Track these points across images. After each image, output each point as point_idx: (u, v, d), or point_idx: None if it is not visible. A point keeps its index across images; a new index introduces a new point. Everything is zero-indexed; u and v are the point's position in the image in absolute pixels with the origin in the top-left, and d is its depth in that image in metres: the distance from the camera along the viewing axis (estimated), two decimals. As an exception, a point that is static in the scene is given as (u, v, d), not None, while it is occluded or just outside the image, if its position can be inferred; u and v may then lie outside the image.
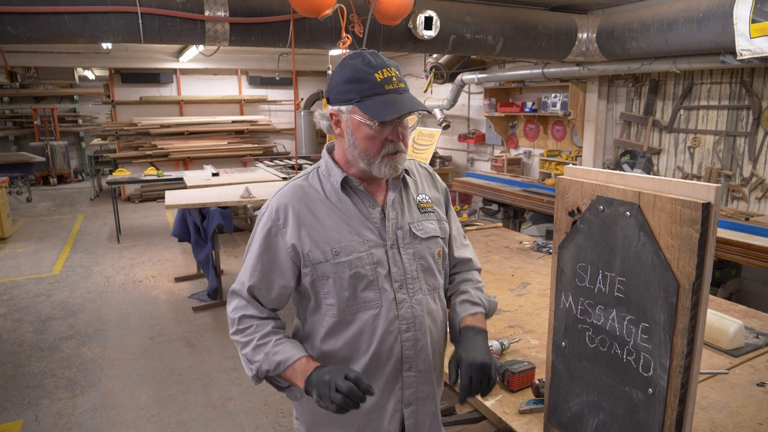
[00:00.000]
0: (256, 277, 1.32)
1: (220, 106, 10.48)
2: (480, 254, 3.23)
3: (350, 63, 1.25)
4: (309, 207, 1.30)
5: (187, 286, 5.45)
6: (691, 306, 0.92)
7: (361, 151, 1.27)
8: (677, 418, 0.96)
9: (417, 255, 1.36)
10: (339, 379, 1.14)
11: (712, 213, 0.89)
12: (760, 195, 4.29)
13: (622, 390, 1.06)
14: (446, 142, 8.01)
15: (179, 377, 3.68)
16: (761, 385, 1.77)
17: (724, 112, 4.51)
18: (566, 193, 1.14)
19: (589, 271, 1.10)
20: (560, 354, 1.22)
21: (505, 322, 2.23)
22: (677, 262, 0.93)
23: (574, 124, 5.73)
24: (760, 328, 2.17)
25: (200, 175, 6.69)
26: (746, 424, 1.56)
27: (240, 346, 1.33)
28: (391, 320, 1.30)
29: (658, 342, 0.97)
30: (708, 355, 1.97)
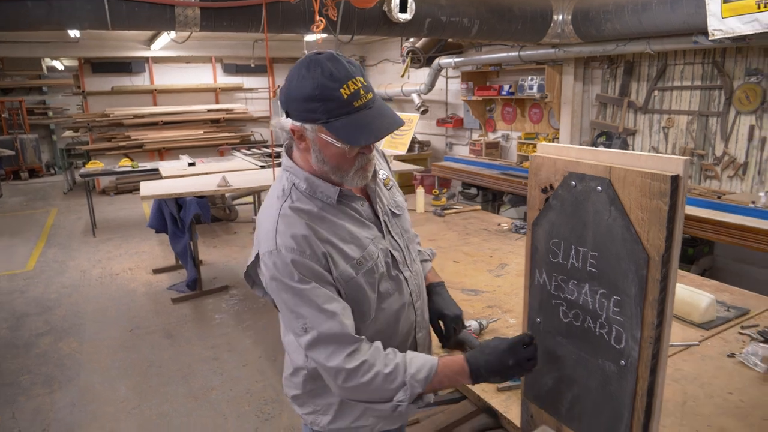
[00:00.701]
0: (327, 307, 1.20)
1: (195, 94, 10.30)
2: (458, 237, 3.25)
3: (309, 76, 1.12)
4: (316, 229, 1.21)
5: (166, 278, 5.39)
6: (660, 278, 0.93)
7: (333, 167, 1.22)
8: (648, 388, 0.98)
9: (402, 230, 1.43)
10: (518, 352, 1.16)
11: (681, 185, 0.90)
12: (731, 173, 4.38)
13: (595, 362, 1.07)
14: (424, 127, 8.01)
15: (159, 369, 3.65)
16: (731, 356, 1.82)
17: (697, 93, 4.58)
18: (539, 170, 1.14)
19: (562, 246, 1.11)
20: (535, 329, 1.23)
21: (484, 303, 2.25)
22: (647, 235, 0.94)
23: (551, 107, 5.76)
24: (731, 302, 2.22)
25: (176, 166, 6.59)
26: (717, 394, 1.60)
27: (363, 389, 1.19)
28: (407, 299, 1.38)
29: (629, 314, 0.99)
30: (681, 328, 2.01)
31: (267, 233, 1.21)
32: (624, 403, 1.02)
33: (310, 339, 1.18)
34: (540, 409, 1.27)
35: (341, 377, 1.18)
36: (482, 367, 1.18)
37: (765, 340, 1.90)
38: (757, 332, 1.96)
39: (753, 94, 4.13)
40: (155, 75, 9.93)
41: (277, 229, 1.19)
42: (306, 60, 1.16)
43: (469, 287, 2.42)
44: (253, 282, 1.34)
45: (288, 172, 1.28)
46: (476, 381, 1.21)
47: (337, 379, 1.19)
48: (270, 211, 1.24)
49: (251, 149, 8.35)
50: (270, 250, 1.18)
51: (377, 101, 1.19)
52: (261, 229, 1.25)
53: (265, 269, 1.21)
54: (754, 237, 3.49)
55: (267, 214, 1.25)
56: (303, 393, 1.41)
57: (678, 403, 1.56)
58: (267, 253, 1.19)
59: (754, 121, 4.15)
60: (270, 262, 1.19)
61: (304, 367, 1.36)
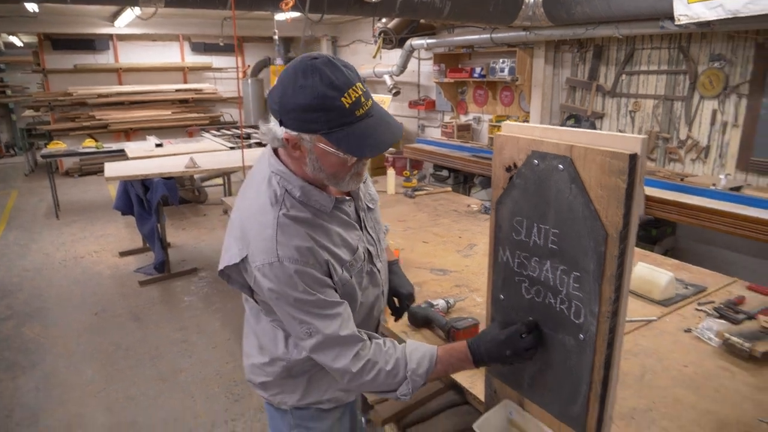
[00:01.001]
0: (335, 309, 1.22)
1: (162, 74, 10.03)
2: (429, 218, 3.27)
3: (308, 84, 1.07)
4: (315, 238, 1.20)
5: (133, 261, 5.30)
6: (618, 254, 0.95)
7: (329, 175, 1.20)
8: (606, 361, 1.01)
9: (375, 223, 1.45)
10: (516, 343, 1.17)
11: (639, 163, 0.92)
12: (694, 156, 4.49)
13: (556, 337, 1.10)
14: (397, 109, 7.98)
15: (126, 352, 3.61)
16: (688, 332, 1.89)
17: (663, 77, 4.66)
18: (503, 149, 1.15)
19: (524, 224, 1.13)
20: (498, 306, 1.26)
21: (452, 282, 2.27)
22: (606, 212, 0.96)
23: (522, 90, 5.80)
24: (690, 280, 2.30)
25: (143, 147, 6.44)
26: (673, 367, 1.66)
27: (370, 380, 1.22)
28: (380, 290, 1.44)
29: (588, 290, 1.01)
30: (641, 305, 2.08)
31: (265, 243, 1.16)
32: (582, 375, 1.06)
33: (315, 343, 1.19)
34: (503, 384, 1.30)
35: (347, 377, 1.21)
36: (484, 354, 1.22)
37: (720, 316, 1.97)
38: (712, 308, 2.03)
39: (716, 79, 4.22)
40: (120, 53, 9.63)
41: (278, 240, 1.15)
42: (302, 66, 1.10)
43: (438, 267, 2.44)
44: (229, 278, 1.30)
45: (278, 176, 1.23)
46: (479, 366, 1.25)
47: (343, 378, 1.23)
48: (263, 218, 1.19)
49: (221, 130, 8.20)
50: (270, 262, 1.15)
51: (376, 107, 1.16)
52: (253, 236, 1.19)
53: (264, 280, 1.17)
54: (714, 218, 3.60)
55: (259, 220, 1.20)
56: (273, 381, 1.42)
57: (637, 376, 1.61)
58: (267, 265, 1.16)
59: (717, 105, 4.26)
60: (271, 274, 1.16)
61: (284, 359, 1.37)
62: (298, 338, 1.23)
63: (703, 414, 1.44)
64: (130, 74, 9.78)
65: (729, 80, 4.13)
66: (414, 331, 1.88)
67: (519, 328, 1.18)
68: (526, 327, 1.17)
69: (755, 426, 1.39)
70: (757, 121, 3.97)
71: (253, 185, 1.27)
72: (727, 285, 2.27)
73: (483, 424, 1.25)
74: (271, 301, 1.22)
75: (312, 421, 1.46)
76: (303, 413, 1.45)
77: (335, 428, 1.50)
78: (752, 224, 3.41)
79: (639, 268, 2.19)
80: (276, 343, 1.36)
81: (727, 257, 4.31)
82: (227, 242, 1.29)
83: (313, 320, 1.18)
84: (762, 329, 1.82)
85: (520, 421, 1.25)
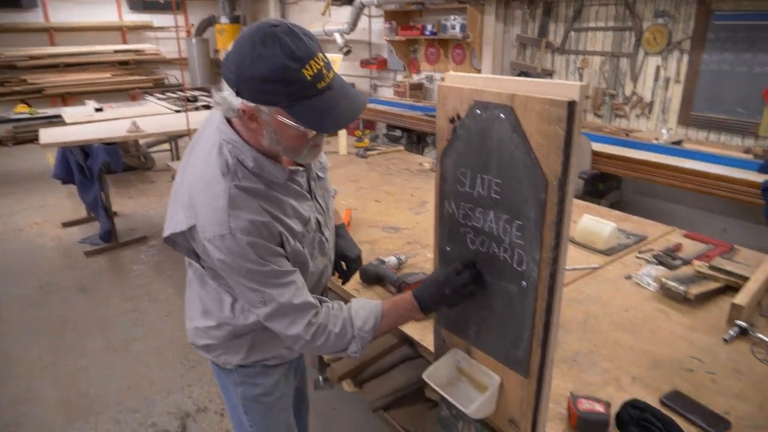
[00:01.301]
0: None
1: (99, 34, 9.46)
2: (381, 177, 3.26)
3: (267, 54, 1.01)
4: (268, 209, 1.17)
5: (77, 231, 5.09)
6: (558, 201, 0.97)
7: (287, 148, 1.16)
8: (547, 307, 1.04)
9: (324, 191, 1.44)
10: (452, 281, 1.18)
11: (577, 111, 0.92)
12: (639, 112, 4.61)
13: (500, 285, 1.12)
14: (348, 69, 7.82)
15: (75, 324, 3.50)
16: (628, 278, 1.97)
17: (609, 34, 4.72)
18: (446, 100, 1.14)
19: (468, 176, 1.13)
20: (445, 258, 1.27)
21: (404, 239, 2.29)
22: (546, 160, 0.97)
23: (473, 47, 5.77)
24: (632, 230, 2.39)
25: (81, 112, 6.10)
26: (614, 312, 1.74)
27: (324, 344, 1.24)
28: (328, 258, 1.46)
29: (529, 238, 1.03)
30: (585, 255, 2.15)
31: (216, 214, 1.12)
32: (525, 321, 1.08)
33: (270, 311, 1.19)
34: (451, 334, 1.32)
35: (300, 343, 1.22)
36: (427, 299, 1.24)
37: (658, 263, 2.07)
38: (652, 256, 2.12)
39: (660, 35, 4.31)
40: (50, 11, 9.00)
41: (229, 212, 1.12)
42: (260, 34, 1.03)
43: (390, 225, 2.45)
44: (175, 244, 1.27)
45: (230, 144, 1.17)
46: (427, 312, 1.27)
47: (296, 344, 1.23)
48: (214, 188, 1.14)
49: (165, 93, 7.86)
50: (222, 234, 1.12)
51: (338, 79, 1.12)
52: (202, 205, 1.15)
53: (215, 251, 1.14)
54: (657, 171, 3.74)
55: (209, 190, 1.15)
56: (217, 343, 1.40)
57: (580, 322, 1.68)
58: (218, 236, 1.12)
59: (660, 61, 4.36)
60: (223, 246, 1.13)
61: (230, 324, 1.35)
62: (251, 306, 1.22)
63: (641, 354, 1.52)
64: (63, 34, 9.17)
65: (672, 36, 4.23)
66: (366, 288, 1.89)
67: (456, 266, 1.19)
68: (463, 265, 1.19)
69: (687, 362, 1.48)
70: (698, 76, 4.10)
71: (203, 151, 1.21)
72: (666, 234, 2.37)
73: (432, 373, 1.28)
74: (223, 271, 1.19)
75: (258, 378, 1.47)
76: (248, 371, 1.46)
77: (281, 383, 1.52)
78: (691, 176, 3.56)
79: (584, 220, 2.26)
80: (222, 307, 1.35)
81: (668, 209, 4.50)
82: (173, 208, 1.25)
83: (267, 289, 1.17)
84: (696, 273, 1.92)
85: (467, 368, 1.29)
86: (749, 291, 1.71)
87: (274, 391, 1.51)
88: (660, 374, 1.43)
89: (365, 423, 2.62)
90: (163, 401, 2.78)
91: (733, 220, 4.11)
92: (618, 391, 1.36)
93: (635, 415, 1.21)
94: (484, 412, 1.23)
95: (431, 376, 1.27)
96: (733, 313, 1.65)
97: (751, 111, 3.82)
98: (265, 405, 1.51)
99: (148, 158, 7.09)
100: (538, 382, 1.11)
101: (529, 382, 1.12)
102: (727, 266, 1.89)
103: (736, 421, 1.25)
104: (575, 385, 1.39)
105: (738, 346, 1.55)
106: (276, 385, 1.51)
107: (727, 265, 1.91)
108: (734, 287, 1.81)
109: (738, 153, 3.74)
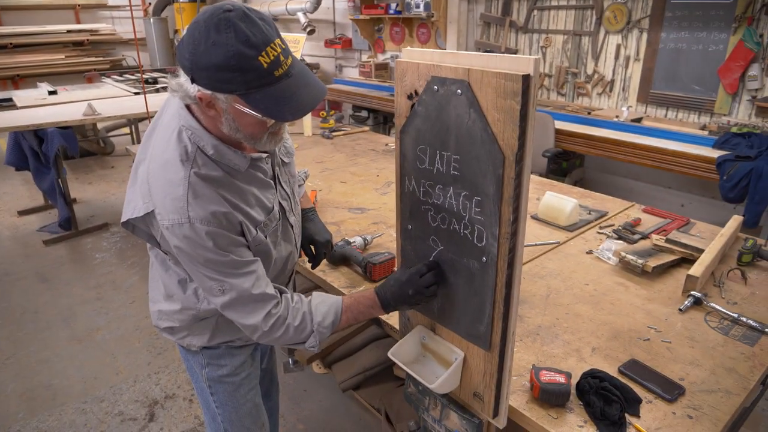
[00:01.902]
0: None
1: (50, 12, 9.03)
2: (346, 158, 3.23)
3: (221, 41, 0.97)
4: (228, 198, 1.15)
5: (35, 219, 4.93)
6: (515, 176, 0.97)
7: (246, 135, 1.12)
8: (507, 281, 1.05)
9: (289, 176, 1.42)
10: (415, 282, 1.19)
11: (532, 84, 0.92)
12: (600, 90, 4.68)
13: (461, 261, 1.13)
14: (312, 49, 7.70)
15: (35, 314, 3.40)
16: (589, 253, 2.01)
17: (572, 12, 4.76)
18: (404, 76, 1.12)
19: (428, 153, 1.12)
20: (407, 236, 1.27)
21: (370, 220, 2.28)
22: (503, 135, 0.97)
23: (438, 26, 5.74)
24: (593, 206, 2.44)
25: (34, 95, 5.83)
26: (575, 286, 1.78)
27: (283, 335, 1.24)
28: (293, 244, 1.44)
29: (488, 213, 1.03)
30: (548, 231, 2.18)
31: (174, 202, 1.10)
32: (486, 296, 1.09)
33: (228, 300, 1.18)
34: (415, 312, 1.33)
35: (257, 333, 1.21)
36: (390, 298, 1.25)
37: (618, 237, 2.12)
38: (612, 231, 2.17)
39: (620, 14, 4.36)
40: (-4, -11, 8.55)
41: (188, 200, 1.09)
42: (213, 19, 0.99)
43: (355, 206, 2.44)
44: (134, 228, 1.23)
45: (190, 131, 1.14)
46: (389, 311, 1.28)
47: (253, 334, 1.22)
48: (173, 176, 1.11)
49: (124, 75, 7.59)
50: (180, 222, 1.09)
51: (297, 66, 1.08)
52: (160, 192, 1.12)
53: (173, 239, 1.12)
54: (617, 149, 3.82)
55: (167, 177, 1.12)
56: (181, 326, 1.38)
57: (542, 296, 1.71)
58: (176, 225, 1.10)
59: (621, 40, 4.42)
60: (180, 234, 1.10)
61: (193, 309, 1.34)
62: (209, 294, 1.20)
63: (600, 325, 1.56)
64: (11, 13, 8.73)
65: (632, 15, 4.28)
66: (332, 269, 1.88)
67: (419, 268, 1.20)
68: (426, 267, 1.19)
69: (645, 332, 1.53)
70: (656, 54, 4.17)
71: (162, 137, 1.17)
72: (626, 209, 2.43)
73: (397, 351, 1.29)
74: (180, 258, 1.17)
75: (223, 359, 1.46)
76: (213, 352, 1.45)
77: (247, 364, 1.52)
78: (650, 153, 3.64)
79: (547, 197, 2.29)
80: (185, 292, 1.33)
81: (628, 185, 4.62)
82: (131, 193, 1.22)
83: (225, 278, 1.16)
84: (654, 247, 1.97)
85: (431, 344, 1.30)
86: (703, 262, 1.77)
87: (240, 371, 1.50)
88: (619, 344, 1.47)
89: (336, 403, 2.63)
90: (130, 389, 2.73)
91: (691, 195, 4.25)
92: (579, 362, 1.40)
93: (594, 385, 1.25)
94: (448, 386, 1.25)
95: (396, 354, 1.28)
96: (688, 284, 1.71)
97: (707, 88, 3.92)
98: (230, 385, 1.50)
99: (107, 143, 6.87)
100: (501, 355, 1.12)
101: (492, 356, 1.14)
102: (683, 239, 1.95)
103: (689, 387, 1.30)
104: (538, 358, 1.42)
105: (692, 316, 1.61)
106: (242, 365, 1.50)
107: (683, 238, 1.97)
108: (690, 259, 1.87)
109: (695, 130, 3.85)
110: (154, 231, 1.21)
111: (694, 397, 1.27)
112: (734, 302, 1.67)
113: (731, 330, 1.54)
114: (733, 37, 3.69)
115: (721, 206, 3.79)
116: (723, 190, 3.23)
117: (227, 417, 1.53)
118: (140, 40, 9.58)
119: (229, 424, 1.55)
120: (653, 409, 1.24)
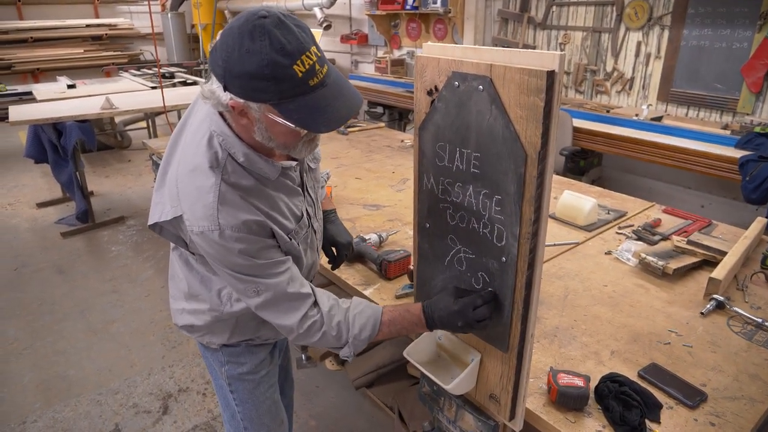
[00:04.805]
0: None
1: (70, 7, 9.15)
2: (362, 154, 3.22)
3: (256, 49, 0.94)
4: (259, 206, 1.14)
5: (53, 212, 4.98)
6: (537, 175, 0.95)
7: (279, 144, 1.10)
8: (527, 281, 1.03)
9: (314, 182, 1.41)
10: (467, 315, 1.11)
11: (556, 81, 0.90)
12: (620, 88, 4.61)
13: (480, 261, 1.11)
14: (328, 44, 7.69)
15: (52, 306, 3.44)
16: (608, 254, 1.98)
17: (591, 9, 4.69)
18: (424, 71, 1.10)
19: (447, 150, 1.10)
20: (424, 234, 1.25)
21: (385, 217, 2.27)
22: (525, 132, 0.95)
23: (455, 22, 5.69)
24: (612, 206, 2.40)
25: (53, 88, 5.91)
26: (594, 287, 1.75)
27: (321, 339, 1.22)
28: (316, 253, 1.43)
29: (509, 212, 1.01)
30: (566, 231, 2.15)
31: (204, 209, 1.08)
32: (506, 296, 1.07)
33: (263, 301, 1.16)
34: (431, 311, 1.31)
35: (293, 335, 1.20)
36: (437, 321, 1.19)
37: (638, 238, 2.08)
38: (631, 231, 2.13)
39: (641, 11, 4.29)
40: (18, -17, 8.66)
41: (218, 207, 1.08)
42: (248, 26, 0.96)
43: (370, 203, 2.42)
44: (162, 230, 1.22)
45: (221, 137, 1.12)
46: (432, 329, 1.23)
47: (290, 335, 1.21)
48: (203, 182, 1.09)
49: (141, 69, 7.65)
50: (210, 229, 1.08)
51: (332, 74, 1.04)
52: (189, 198, 1.10)
53: (204, 245, 1.11)
54: (637, 147, 3.75)
55: (197, 182, 1.10)
56: (201, 325, 1.38)
57: (560, 297, 1.68)
58: (207, 231, 1.09)
59: (641, 37, 4.35)
60: (211, 240, 1.09)
61: (217, 310, 1.33)
62: (244, 296, 1.18)
63: (620, 328, 1.53)
64: (31, 8, 8.85)
65: (653, 11, 4.21)
66: (347, 266, 1.87)
67: (474, 300, 1.11)
68: (482, 299, 1.11)
69: (665, 335, 1.50)
70: (678, 52, 4.09)
71: (192, 140, 1.15)
72: (646, 209, 2.38)
73: (412, 350, 1.27)
74: (211, 262, 1.17)
75: (242, 356, 1.46)
76: (233, 350, 1.44)
77: (267, 362, 1.51)
78: (670, 152, 3.58)
79: (565, 196, 2.26)
80: (209, 292, 1.32)
81: (647, 185, 4.54)
82: (158, 196, 1.20)
83: (260, 279, 1.14)
84: (675, 248, 1.93)
85: (447, 344, 1.28)
86: (726, 265, 1.73)
87: (260, 369, 1.50)
88: (638, 348, 1.44)
89: (349, 400, 2.63)
90: (144, 382, 2.75)
91: (712, 196, 4.17)
92: (597, 365, 1.37)
93: (614, 389, 1.22)
94: (464, 388, 1.23)
95: (412, 353, 1.27)
96: (710, 287, 1.67)
97: (730, 87, 3.84)
98: (250, 383, 1.50)
99: (124, 137, 6.93)
100: (519, 357, 1.10)
101: (509, 358, 1.12)
102: (705, 241, 1.91)
103: (711, 393, 1.27)
104: (555, 360, 1.39)
105: (715, 320, 1.57)
106: (261, 363, 1.49)
107: (705, 240, 1.92)
108: (712, 262, 1.83)
109: (716, 129, 3.77)
110: (182, 234, 1.19)
111: (716, 404, 1.24)
112: (758, 307, 1.63)
113: (755, 335, 1.50)
114: (758, 34, 3.60)
115: (742, 207, 3.71)
116: (745, 191, 3.16)
117: (247, 415, 1.53)
118: (158, 35, 9.65)
119: (249, 422, 1.54)
120: (674, 415, 1.21)
